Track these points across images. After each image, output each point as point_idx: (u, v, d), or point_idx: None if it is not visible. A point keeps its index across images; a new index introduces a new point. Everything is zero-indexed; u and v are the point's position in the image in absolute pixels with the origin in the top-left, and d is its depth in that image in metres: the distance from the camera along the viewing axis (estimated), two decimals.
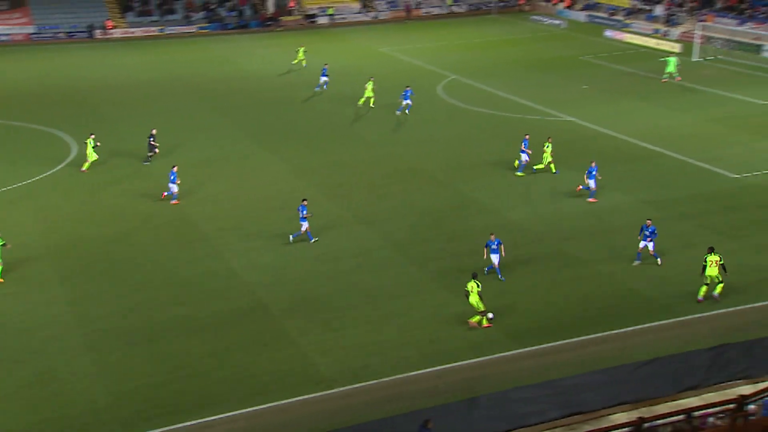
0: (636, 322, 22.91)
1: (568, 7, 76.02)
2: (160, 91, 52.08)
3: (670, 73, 50.34)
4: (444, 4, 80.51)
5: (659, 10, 67.79)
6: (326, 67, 50.06)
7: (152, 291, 25.47)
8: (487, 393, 19.55)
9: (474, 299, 22.78)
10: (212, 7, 75.57)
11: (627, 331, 22.49)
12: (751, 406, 14.47)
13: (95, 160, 36.14)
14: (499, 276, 25.35)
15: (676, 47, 58.66)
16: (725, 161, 35.15)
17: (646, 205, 30.95)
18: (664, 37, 63.34)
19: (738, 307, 23.59)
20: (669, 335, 22.24)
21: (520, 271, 26.20)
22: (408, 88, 44.66)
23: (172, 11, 74.97)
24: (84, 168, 35.97)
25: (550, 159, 34.33)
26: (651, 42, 61.74)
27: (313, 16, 76.82)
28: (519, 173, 34.49)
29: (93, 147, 35.93)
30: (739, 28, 57.13)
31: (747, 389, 18.70)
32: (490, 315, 23.09)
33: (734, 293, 24.29)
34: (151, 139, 37.28)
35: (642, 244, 26.10)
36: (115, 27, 71.81)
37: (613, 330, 22.53)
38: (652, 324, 22.80)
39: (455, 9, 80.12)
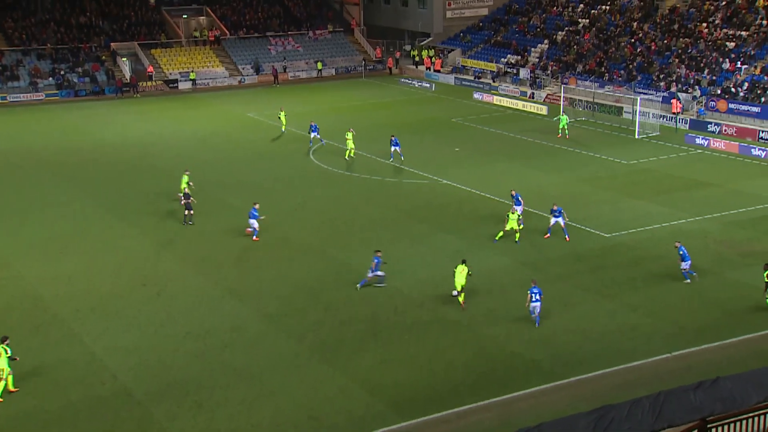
0: (519, 387, 23.39)
1: (437, 71, 79.00)
2: (3, 163, 49.85)
3: (563, 129, 53.16)
4: (311, 68, 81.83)
5: (524, 73, 71.54)
6: (314, 124, 52.00)
7: None
8: None
9: (460, 281, 27.99)
10: (62, 72, 73.42)
11: (510, 397, 22.90)
12: None
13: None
14: (537, 322, 27.16)
15: (543, 109, 61.88)
16: (594, 221, 36.97)
17: (523, 267, 32.00)
18: (531, 99, 66.75)
19: (619, 366, 24.55)
20: (552, 399, 22.81)
21: (401, 340, 26.33)
22: (394, 137, 47.46)
23: (15, 77, 72.27)
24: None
25: (516, 227, 34.22)
26: (519, 104, 64.90)
27: (175, 81, 76.18)
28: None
29: (187, 183, 39.49)
30: (600, 91, 61.01)
31: None
32: (454, 293, 28.54)
33: (615, 354, 25.30)
34: (185, 197, 37.89)
35: (683, 264, 30.17)
36: None
37: (496, 397, 22.89)
38: (535, 389, 23.33)
39: (324, 73, 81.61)
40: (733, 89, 57.35)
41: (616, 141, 53.02)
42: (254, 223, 35.08)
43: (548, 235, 34.76)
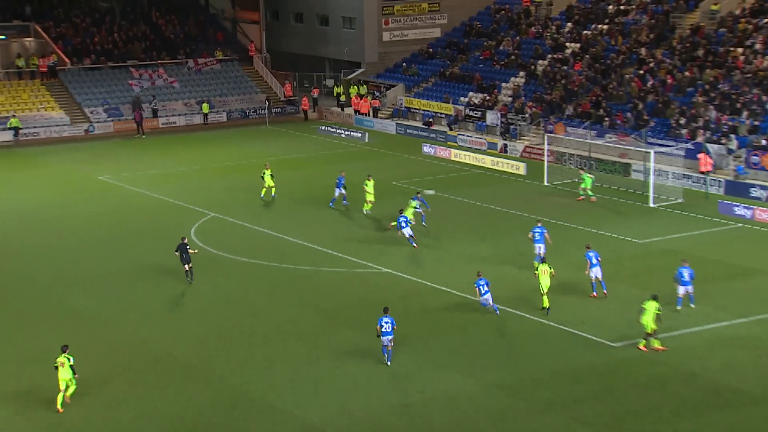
0: None
1: (363, 113, 79.66)
2: None
3: (585, 190, 54.71)
4: (192, 111, 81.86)
5: (492, 117, 72.65)
6: (342, 176, 54.96)
7: None
8: None
9: (647, 319, 34.56)
10: None
11: None
12: None
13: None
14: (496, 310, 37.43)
15: (521, 167, 62.67)
16: (596, 323, 37.09)
17: (498, 390, 31.75)
18: (503, 153, 67.57)
19: None
20: None
21: None
22: (419, 194, 51.31)
23: None
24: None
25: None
26: (486, 160, 65.63)
27: None
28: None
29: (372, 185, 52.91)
30: (599, 142, 62.09)
31: None
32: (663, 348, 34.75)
33: None
34: (186, 247, 42.71)
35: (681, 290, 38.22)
36: None
37: None
38: None
39: (212, 118, 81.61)
40: None
41: (623, 211, 53.83)
42: (407, 231, 46.77)
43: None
